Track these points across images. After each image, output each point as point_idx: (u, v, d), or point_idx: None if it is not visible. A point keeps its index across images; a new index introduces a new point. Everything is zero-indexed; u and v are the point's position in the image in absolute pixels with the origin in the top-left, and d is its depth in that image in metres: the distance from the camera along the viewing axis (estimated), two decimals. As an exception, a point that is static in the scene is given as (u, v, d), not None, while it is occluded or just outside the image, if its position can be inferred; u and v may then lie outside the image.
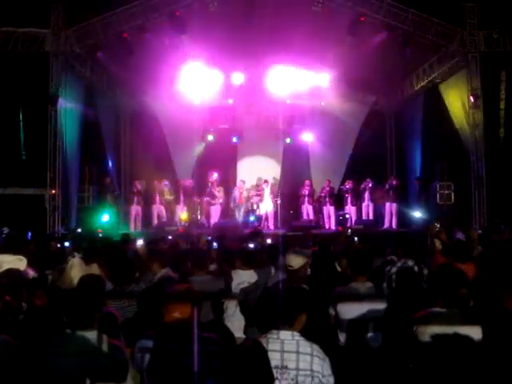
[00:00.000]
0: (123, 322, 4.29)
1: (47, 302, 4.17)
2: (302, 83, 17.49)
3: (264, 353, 3.06)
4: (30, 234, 11.80)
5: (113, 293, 4.78)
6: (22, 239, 10.26)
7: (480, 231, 11.35)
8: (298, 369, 3.04)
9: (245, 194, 17.42)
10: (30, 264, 4.92)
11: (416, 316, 3.79)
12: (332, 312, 4.67)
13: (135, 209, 16.44)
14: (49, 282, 5.32)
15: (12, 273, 4.23)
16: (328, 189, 17.08)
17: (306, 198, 17.12)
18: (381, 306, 4.47)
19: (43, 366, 3.02)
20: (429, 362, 3.51)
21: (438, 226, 13.20)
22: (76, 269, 4.87)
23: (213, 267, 6.21)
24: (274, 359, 3.05)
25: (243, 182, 17.86)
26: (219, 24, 14.00)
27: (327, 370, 3.10)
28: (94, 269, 5.26)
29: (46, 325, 3.54)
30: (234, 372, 3.13)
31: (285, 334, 3.13)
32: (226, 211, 17.40)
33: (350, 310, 4.51)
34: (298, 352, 3.08)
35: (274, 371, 3.02)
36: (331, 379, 3.11)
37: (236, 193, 17.35)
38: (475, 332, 3.45)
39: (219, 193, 16.90)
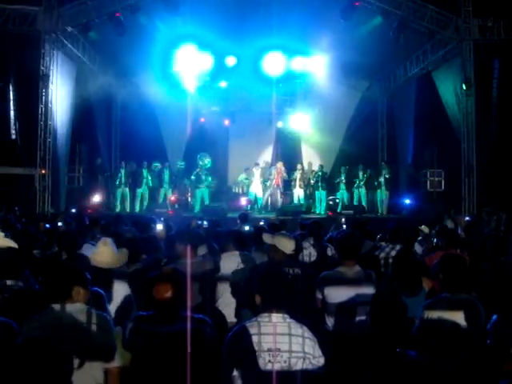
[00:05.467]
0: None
1: None
2: (295, 67, 17.39)
3: (249, 338, 3.07)
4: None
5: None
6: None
7: (468, 219, 11.40)
8: (290, 351, 3.06)
9: (284, 175, 17.02)
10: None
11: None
12: (319, 296, 4.67)
13: (123, 191, 16.42)
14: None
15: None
16: (320, 173, 17.08)
17: (298, 182, 17.07)
18: (369, 290, 4.49)
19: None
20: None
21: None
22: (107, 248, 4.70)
23: (203, 249, 6.17)
24: (267, 342, 3.06)
25: (284, 164, 17.36)
26: (212, 5, 13.88)
27: (318, 352, 3.14)
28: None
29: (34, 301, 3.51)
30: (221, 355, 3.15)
31: (276, 317, 3.15)
32: (216, 194, 17.36)
33: (338, 294, 4.49)
34: (290, 334, 3.11)
35: (267, 354, 3.04)
36: (322, 360, 3.15)
37: (273, 172, 17.14)
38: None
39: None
